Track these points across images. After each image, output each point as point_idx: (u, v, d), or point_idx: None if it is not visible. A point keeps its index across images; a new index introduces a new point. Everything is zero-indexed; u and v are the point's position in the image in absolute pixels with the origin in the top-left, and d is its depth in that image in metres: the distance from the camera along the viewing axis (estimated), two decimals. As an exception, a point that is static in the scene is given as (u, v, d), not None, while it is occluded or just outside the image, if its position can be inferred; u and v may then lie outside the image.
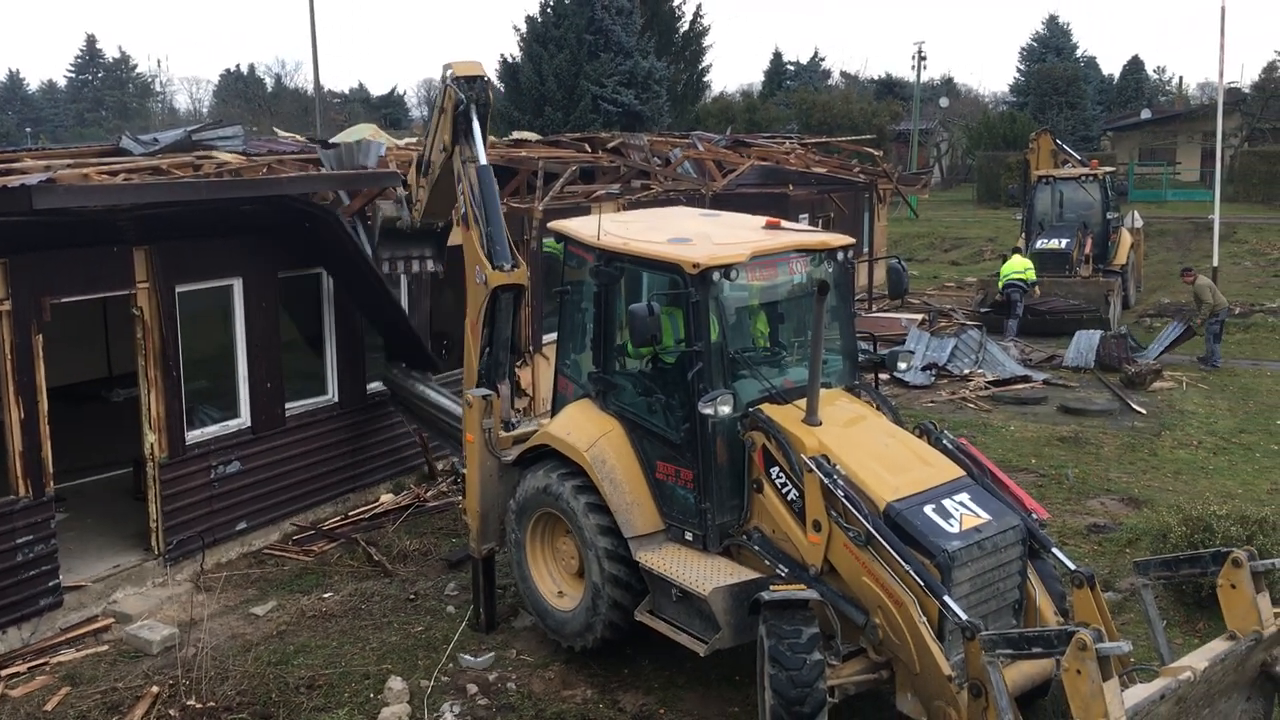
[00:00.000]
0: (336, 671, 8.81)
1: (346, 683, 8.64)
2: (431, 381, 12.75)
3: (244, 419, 11.31)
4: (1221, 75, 27.67)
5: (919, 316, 23.13)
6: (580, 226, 9.29)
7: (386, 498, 12.83)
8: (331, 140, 16.50)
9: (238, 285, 11.17)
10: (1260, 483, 13.34)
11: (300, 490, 11.96)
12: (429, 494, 12.91)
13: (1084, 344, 19.91)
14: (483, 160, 9.96)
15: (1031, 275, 22.35)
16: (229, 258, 11.04)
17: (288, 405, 11.79)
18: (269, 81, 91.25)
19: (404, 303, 13.01)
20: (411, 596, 10.30)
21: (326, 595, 10.35)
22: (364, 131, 17.27)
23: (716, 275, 7.93)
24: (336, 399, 12.40)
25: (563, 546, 8.97)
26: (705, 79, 58.41)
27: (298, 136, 17.70)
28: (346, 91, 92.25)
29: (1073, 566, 7.26)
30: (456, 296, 13.60)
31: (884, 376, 15.27)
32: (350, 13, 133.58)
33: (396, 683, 8.41)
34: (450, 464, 13.23)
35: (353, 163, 12.47)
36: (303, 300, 12.20)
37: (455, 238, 10.92)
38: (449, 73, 10.11)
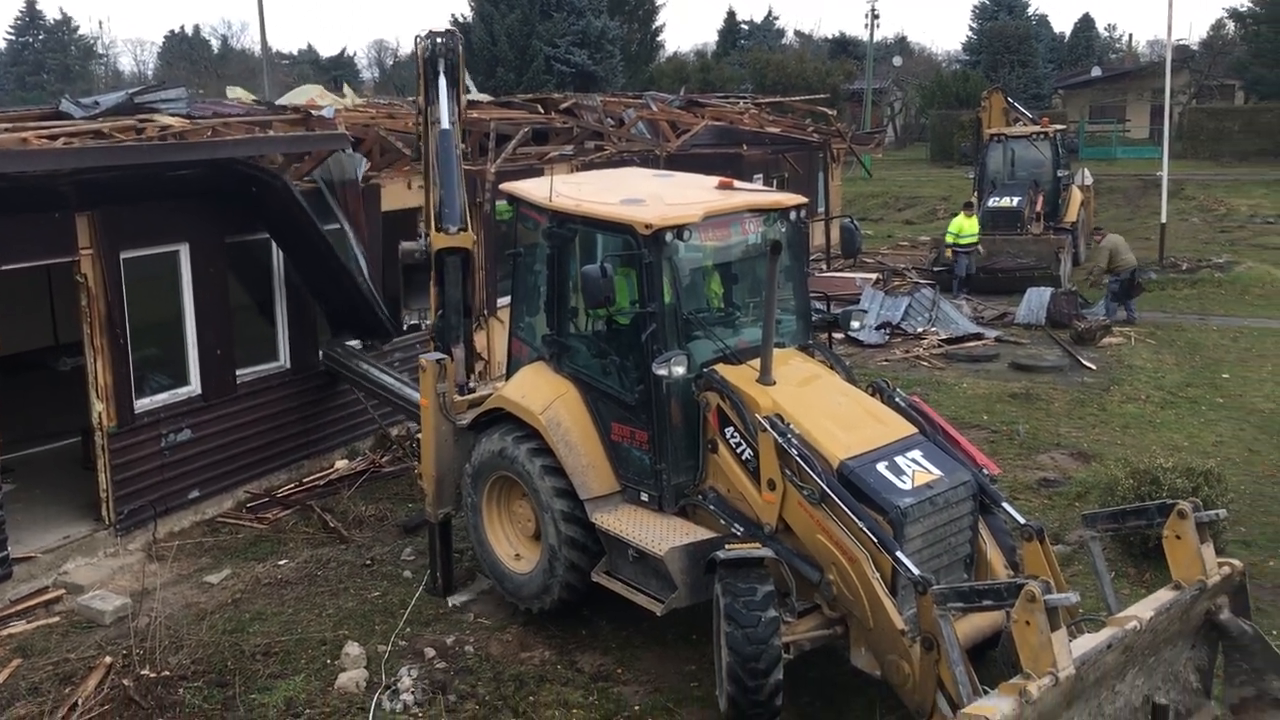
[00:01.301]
0: (293, 638, 8.78)
1: (303, 649, 8.61)
2: (371, 359, 12.56)
3: (194, 386, 11.17)
4: (1170, 33, 27.85)
5: (873, 276, 23.23)
6: (532, 188, 9.22)
7: (341, 464, 12.74)
8: (278, 102, 16.25)
9: (184, 251, 10.98)
10: (1206, 435, 13.59)
11: (253, 458, 11.84)
12: (384, 459, 12.84)
13: (1035, 301, 20.11)
14: (445, 124, 9.88)
15: (975, 238, 22.44)
16: (175, 223, 10.84)
17: (239, 372, 11.65)
18: (214, 43, 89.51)
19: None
20: (368, 562, 10.27)
21: (282, 563, 10.29)
22: (311, 92, 17.02)
23: (669, 236, 7.91)
24: (289, 365, 12.27)
25: (519, 509, 8.96)
26: (659, 39, 58.17)
27: (244, 98, 17.38)
28: (295, 53, 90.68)
29: (1022, 520, 7.37)
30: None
31: (838, 336, 15.40)
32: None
33: (353, 648, 8.40)
34: (405, 429, 13.17)
35: (341, 175, 12.34)
36: (252, 266, 12.03)
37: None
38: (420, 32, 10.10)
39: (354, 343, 12.81)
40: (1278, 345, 18.27)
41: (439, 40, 10.35)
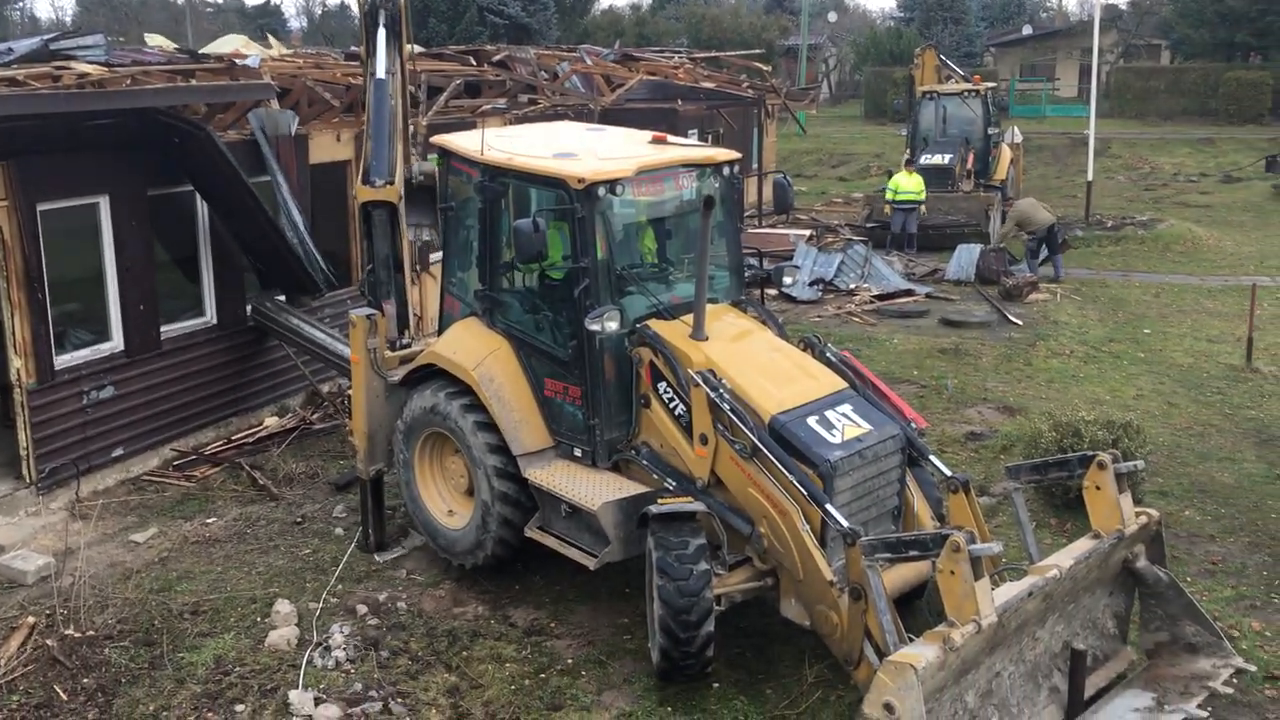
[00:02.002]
0: (222, 596, 8.69)
1: (232, 607, 8.53)
2: (301, 314, 12.39)
3: (116, 342, 10.92)
4: (1099, -8, 28.22)
5: (807, 232, 23.36)
6: (464, 141, 9.09)
7: (271, 421, 12.57)
8: (202, 51, 15.83)
9: (104, 203, 10.69)
10: (1127, 389, 13.93)
11: (179, 415, 11.64)
12: (315, 416, 12.70)
13: (965, 258, 20.39)
14: (380, 73, 9.69)
15: (923, 195, 22.62)
16: (94, 175, 10.54)
17: (163, 328, 11.40)
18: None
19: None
20: (298, 520, 10.18)
21: (210, 521, 10.16)
22: (235, 42, 16.60)
23: (602, 190, 7.86)
24: (215, 320, 12.04)
25: (451, 465, 8.93)
26: (594, -9, 57.45)
27: (165, 46, 16.90)
28: (220, 1, 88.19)
29: (948, 473, 7.51)
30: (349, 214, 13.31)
31: (771, 291, 15.52)
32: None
33: (284, 605, 8.33)
34: (336, 385, 13.02)
35: (274, 129, 12.06)
36: (177, 218, 11.74)
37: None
38: None
39: (282, 298, 12.61)
40: (1197, 301, 18.75)
41: None
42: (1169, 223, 25.31)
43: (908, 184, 22.57)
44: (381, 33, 9.79)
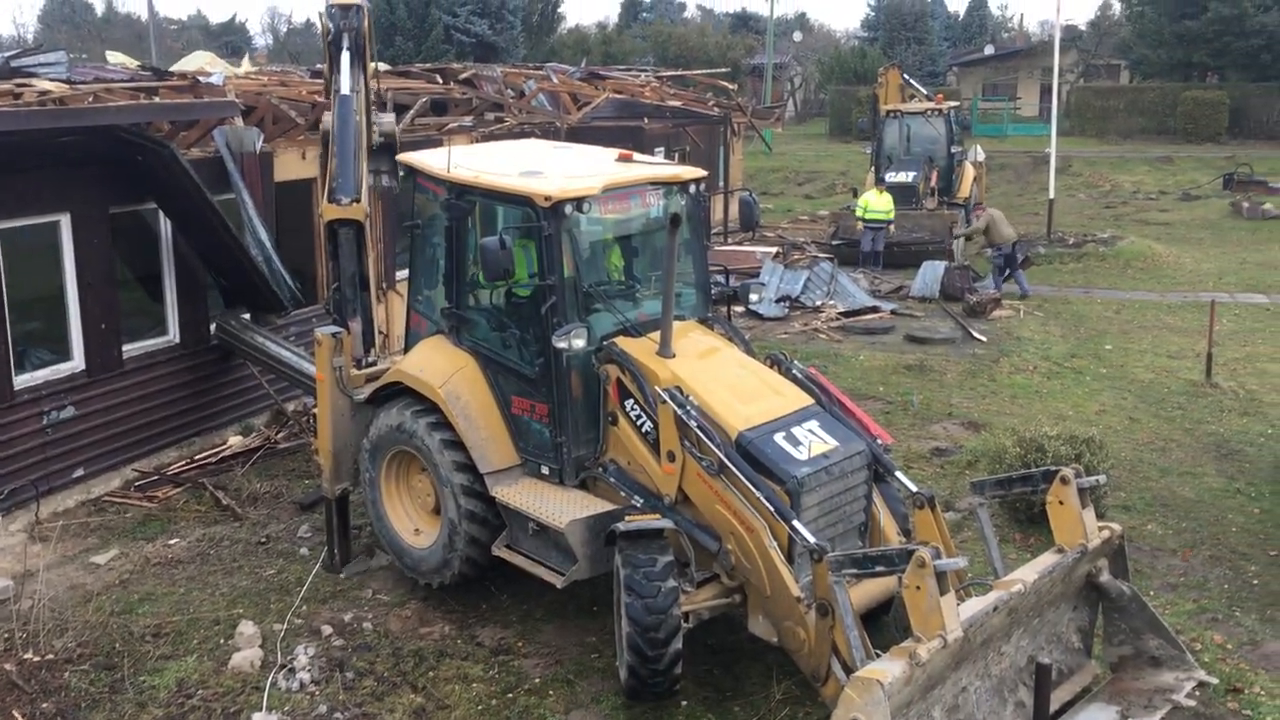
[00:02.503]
0: (184, 619, 8.58)
1: (195, 629, 8.43)
2: (266, 333, 12.30)
3: (77, 362, 10.79)
4: (1059, 13, 28.55)
5: (773, 249, 23.47)
6: (430, 159, 9.08)
7: (235, 440, 12.46)
8: (168, 69, 15.73)
9: (65, 221, 10.57)
10: (1089, 404, 14.07)
11: (142, 435, 11.51)
12: (280, 435, 12.60)
13: (929, 275, 20.54)
14: (344, 90, 9.67)
15: (892, 214, 22.76)
16: (55, 193, 10.43)
17: (125, 347, 11.28)
18: (98, 6, 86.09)
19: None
20: (263, 540, 10.08)
21: (172, 542, 10.04)
22: (200, 60, 16.51)
23: (569, 208, 7.87)
24: (178, 339, 11.93)
25: (418, 484, 8.88)
26: (560, 10, 57.80)
27: (128, 63, 16.79)
28: (184, 18, 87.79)
29: (914, 488, 7.55)
30: (314, 232, 13.23)
31: (738, 309, 15.56)
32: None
33: (248, 627, 8.25)
34: (302, 404, 12.93)
35: (240, 145, 12.00)
36: (139, 236, 11.64)
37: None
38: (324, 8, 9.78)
39: (247, 316, 12.52)
40: (1157, 317, 18.99)
41: (344, 18, 10.01)
42: (1129, 240, 25.63)
43: (878, 203, 22.71)
44: (346, 55, 9.78)
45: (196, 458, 11.95)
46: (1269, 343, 17.05)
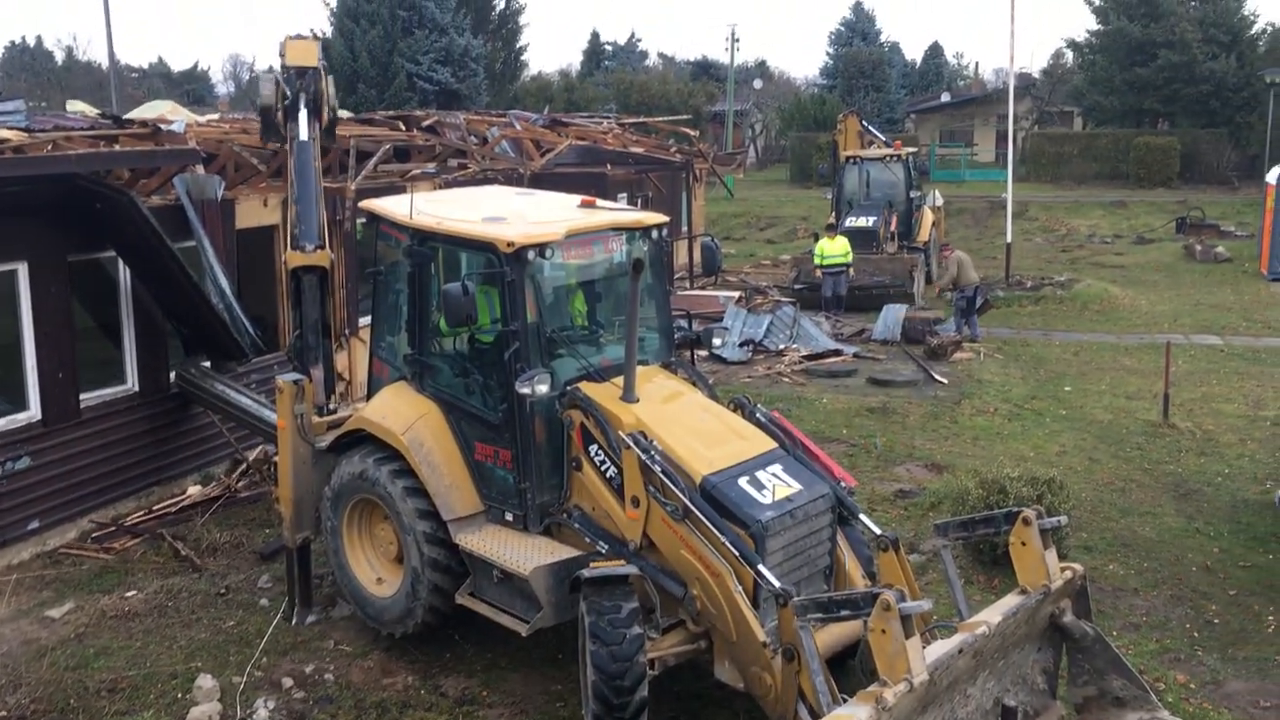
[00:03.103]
0: (141, 673, 8.42)
1: (152, 684, 8.27)
2: (227, 380, 12.19)
3: (34, 411, 10.64)
4: (1012, 61, 29.09)
5: (736, 294, 23.61)
6: (392, 206, 9.09)
7: (194, 489, 12.30)
8: (126, 117, 15.68)
9: (22, 270, 10.48)
10: (1050, 445, 14.20)
11: (99, 485, 11.34)
12: (240, 484, 12.45)
13: (891, 318, 20.74)
14: (302, 136, 9.64)
15: (850, 257, 22.99)
16: (11, 241, 10.34)
17: (83, 396, 11.15)
18: (59, 54, 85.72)
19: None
20: (222, 591, 9.93)
21: (130, 594, 9.87)
22: (162, 108, 16.48)
23: (531, 254, 7.90)
24: (137, 388, 11.80)
25: (381, 532, 8.80)
26: (523, 58, 58.10)
27: (88, 111, 16.71)
28: (145, 66, 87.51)
29: (878, 531, 7.57)
30: (275, 279, 13.16)
31: (702, 353, 15.63)
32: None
33: (206, 680, 8.10)
34: (263, 452, 12.79)
35: (200, 193, 11.96)
36: (98, 284, 11.54)
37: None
38: (281, 57, 9.70)
39: (207, 363, 12.41)
40: (1115, 359, 19.25)
41: (300, 80, 9.89)
42: (1086, 283, 26.01)
43: (832, 248, 22.97)
44: (303, 113, 9.70)
45: (155, 508, 11.77)
46: (1223, 383, 17.33)
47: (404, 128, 18.81)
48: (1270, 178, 28.09)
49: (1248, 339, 20.75)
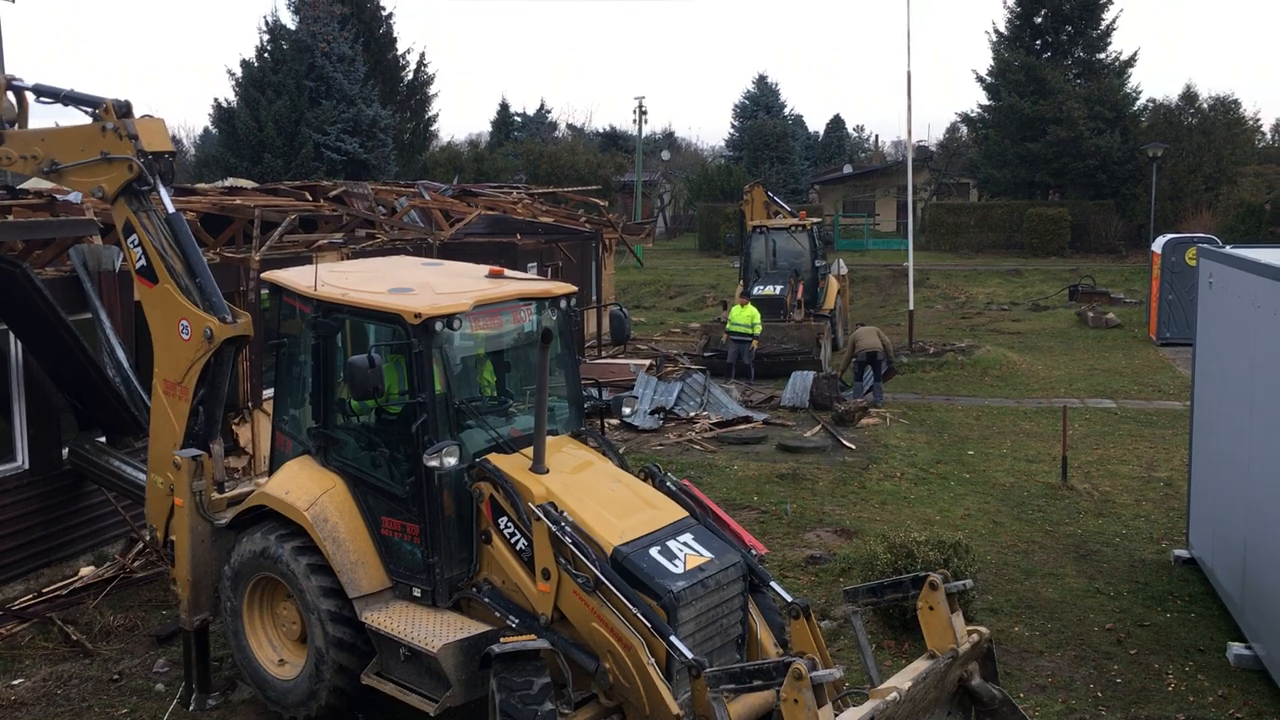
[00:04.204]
0: (26, 767, 8.01)
1: (38, 778, 7.87)
2: (123, 456, 11.80)
3: (-86, 492, 10.18)
4: (910, 135, 30.02)
5: (646, 362, 23.73)
6: (296, 277, 8.97)
7: (87, 570, 11.82)
8: (20, 186, 15.28)
9: (-95, 343, 10.09)
10: (955, 509, 14.44)
11: (-16, 568, 10.85)
12: (136, 564, 12.01)
13: (799, 384, 21.00)
14: (172, 209, 9.22)
15: (758, 328, 23.30)
16: (-106, 313, 9.96)
17: (-32, 474, 10.71)
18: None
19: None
20: (115, 677, 9.52)
21: (16, 683, 9.40)
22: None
23: (439, 325, 7.85)
24: (27, 465, 11.36)
25: (283, 612, 8.55)
26: (432, 128, 58.22)
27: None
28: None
29: (789, 599, 7.59)
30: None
31: (613, 421, 15.64)
32: (52, 58, 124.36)
33: (97, 773, 7.73)
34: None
35: (98, 264, 11.64)
36: (-14, 358, 11.15)
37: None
38: (135, 140, 8.98)
39: (102, 439, 12.01)
40: (1015, 423, 19.73)
41: (157, 160, 9.26)
42: (986, 348, 26.71)
43: (740, 316, 23.29)
44: (163, 190, 9.29)
45: (45, 590, 11.28)
46: (1119, 445, 17.86)
47: (310, 198, 18.66)
48: (1155, 247, 29.33)
49: (1140, 402, 21.47)
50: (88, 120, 9.35)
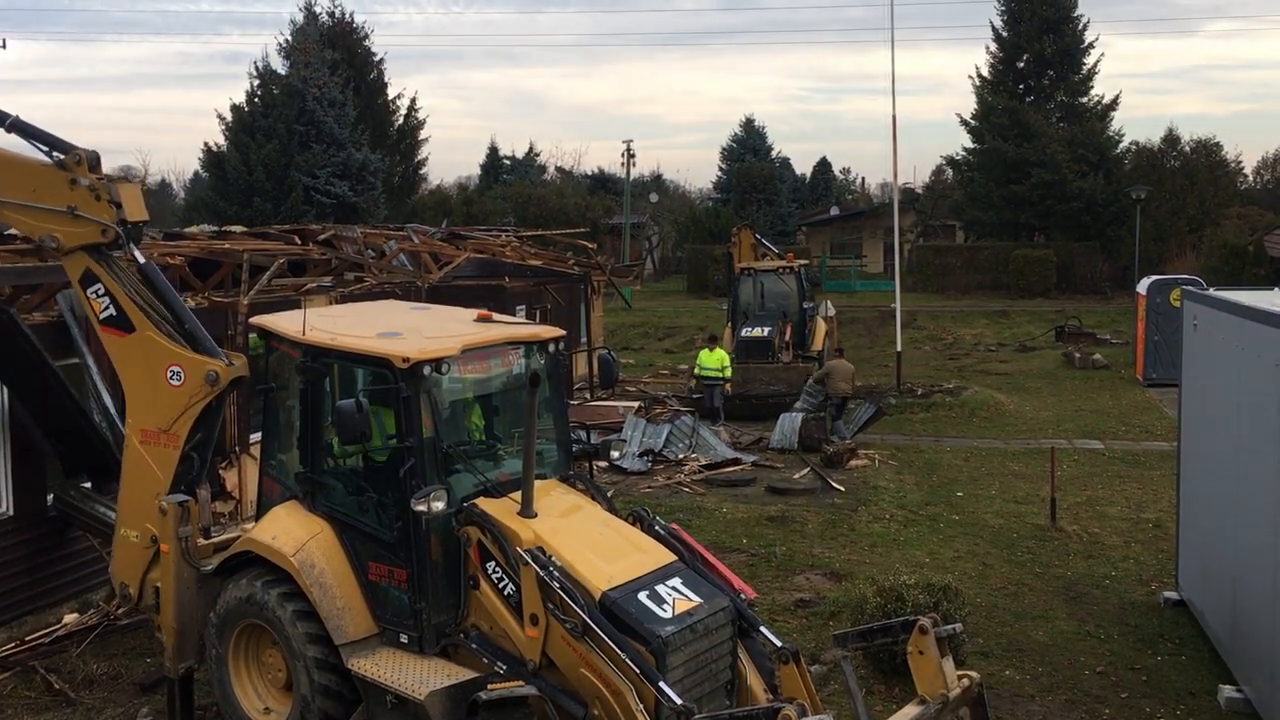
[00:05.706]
0: (6, 819, 7.88)
1: (18, 831, 7.74)
2: (109, 502, 11.71)
3: (-104, 539, 10.09)
4: (896, 177, 30.35)
5: (635, 404, 23.71)
6: (285, 322, 8.98)
7: (71, 618, 11.70)
8: (8, 232, 15.28)
9: (-110, 389, 10.03)
10: (945, 551, 14.42)
11: (-34, 615, 10.73)
12: (120, 611, 11.88)
13: (787, 426, 20.99)
14: (143, 260, 9.06)
15: (728, 372, 23.33)
16: (-120, 359, 9.92)
17: (-49, 521, 10.62)
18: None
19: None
20: (98, 726, 9.41)
21: (-4, 732, 9.29)
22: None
23: (427, 369, 7.86)
24: (12, 511, 11.28)
25: (269, 659, 8.48)
26: (421, 171, 58.60)
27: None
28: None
29: (778, 643, 7.57)
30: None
31: (602, 464, 15.59)
32: (41, 102, 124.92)
33: (78, 825, 7.62)
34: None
35: (80, 310, 11.63)
36: (-29, 404, 11.09)
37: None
38: (118, 208, 8.75)
39: (88, 484, 11.94)
40: (1003, 464, 19.75)
41: (135, 232, 9.06)
42: (974, 390, 26.77)
43: (709, 360, 23.32)
44: (133, 247, 9.15)
45: (28, 638, 11.15)
46: (1106, 486, 17.88)
47: (299, 241, 18.66)
48: (1140, 288, 29.52)
49: (1127, 443, 21.52)
50: (42, 158, 8.82)
